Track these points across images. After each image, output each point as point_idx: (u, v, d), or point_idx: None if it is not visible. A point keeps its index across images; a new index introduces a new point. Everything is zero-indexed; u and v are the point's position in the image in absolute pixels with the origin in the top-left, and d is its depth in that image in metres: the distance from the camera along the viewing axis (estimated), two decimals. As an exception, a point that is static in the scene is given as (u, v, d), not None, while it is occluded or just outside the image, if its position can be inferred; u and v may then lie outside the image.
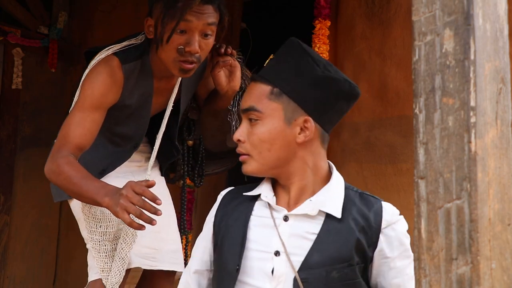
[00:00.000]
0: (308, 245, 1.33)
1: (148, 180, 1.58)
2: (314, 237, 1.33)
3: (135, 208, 1.51)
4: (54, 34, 3.63)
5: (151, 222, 1.53)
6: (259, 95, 1.36)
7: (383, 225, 1.36)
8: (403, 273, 1.36)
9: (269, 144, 1.35)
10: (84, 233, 1.91)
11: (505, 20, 1.06)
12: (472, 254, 0.93)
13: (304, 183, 1.39)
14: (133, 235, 1.78)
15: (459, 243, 0.95)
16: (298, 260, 1.31)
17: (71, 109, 1.80)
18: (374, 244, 1.35)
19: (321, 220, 1.35)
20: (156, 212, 1.52)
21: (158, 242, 1.92)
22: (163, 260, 1.93)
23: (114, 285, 1.78)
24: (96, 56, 1.80)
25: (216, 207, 1.49)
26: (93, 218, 1.83)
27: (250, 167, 1.38)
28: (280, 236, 1.33)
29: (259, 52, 4.03)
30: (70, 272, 3.61)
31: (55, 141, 1.77)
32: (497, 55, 1.02)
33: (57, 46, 3.61)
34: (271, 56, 1.40)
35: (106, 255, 1.80)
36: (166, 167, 2.09)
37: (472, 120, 0.96)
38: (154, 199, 1.52)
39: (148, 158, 1.98)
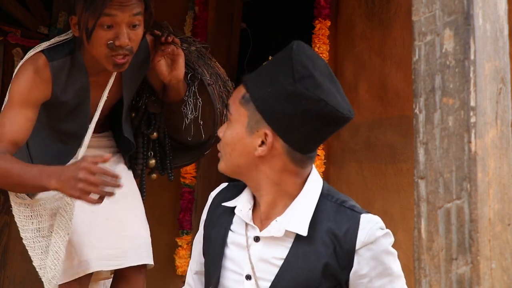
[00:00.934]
0: (275, 270, 1.29)
1: (102, 156, 1.57)
2: (281, 262, 1.29)
3: (98, 190, 1.52)
4: (54, 34, 3.63)
5: (111, 195, 1.55)
6: (236, 96, 1.32)
7: (357, 246, 1.27)
8: None
9: (230, 149, 1.31)
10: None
11: (505, 20, 1.06)
12: (472, 254, 0.93)
13: (271, 198, 1.32)
14: (65, 227, 1.77)
15: (459, 243, 0.95)
16: (266, 286, 1.29)
17: (3, 108, 1.79)
18: (348, 266, 1.27)
19: (290, 242, 1.29)
20: (118, 185, 1.55)
21: (121, 241, 1.93)
22: (128, 257, 1.94)
23: (50, 280, 1.78)
24: (26, 55, 1.80)
25: (207, 209, 1.46)
26: (24, 216, 1.82)
27: (220, 165, 1.36)
28: (250, 260, 1.31)
29: (259, 52, 4.03)
30: (70, 272, 3.60)
31: None
32: (497, 55, 1.02)
33: (57, 46, 3.61)
34: (270, 58, 1.35)
35: (41, 252, 1.80)
36: (131, 162, 2.09)
37: (472, 120, 0.96)
38: (115, 175, 1.54)
39: (114, 152, 1.99)
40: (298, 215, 1.29)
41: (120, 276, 2.03)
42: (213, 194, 1.47)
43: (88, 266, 1.85)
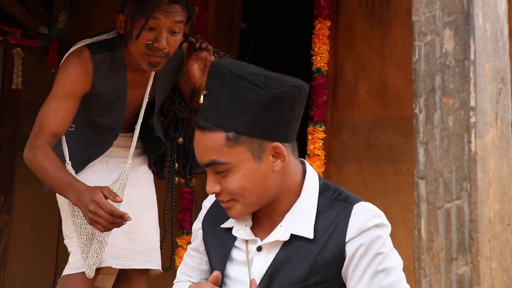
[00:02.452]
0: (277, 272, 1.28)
1: (116, 196, 1.72)
2: (284, 266, 1.28)
3: (105, 224, 1.70)
4: (54, 34, 3.63)
5: (120, 226, 1.73)
6: (215, 146, 1.22)
7: (348, 236, 1.26)
8: (373, 285, 1.26)
9: (250, 187, 1.25)
10: (63, 219, 2.01)
11: (505, 20, 1.06)
12: (472, 254, 0.93)
13: (280, 206, 1.31)
14: None
15: (459, 243, 0.95)
16: None
17: (47, 99, 1.90)
18: (340, 256, 1.26)
19: (292, 244, 1.29)
20: (126, 219, 1.71)
21: (131, 243, 2.00)
22: (135, 259, 2.01)
23: (91, 266, 1.88)
24: (71, 48, 1.92)
25: (201, 220, 1.43)
26: None
27: (236, 212, 1.29)
28: (250, 276, 1.30)
29: (259, 52, 4.04)
30: (70, 272, 3.61)
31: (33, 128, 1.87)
32: (497, 55, 1.02)
33: (57, 46, 3.61)
34: (203, 93, 1.24)
35: (86, 238, 1.89)
36: (157, 164, 2.17)
37: (472, 120, 0.96)
38: (121, 215, 1.70)
39: (136, 154, 2.06)
40: (302, 218, 1.28)
41: (123, 276, 2.07)
42: (207, 204, 1.44)
43: (102, 261, 1.92)
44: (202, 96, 1.25)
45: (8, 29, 3.47)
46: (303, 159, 1.38)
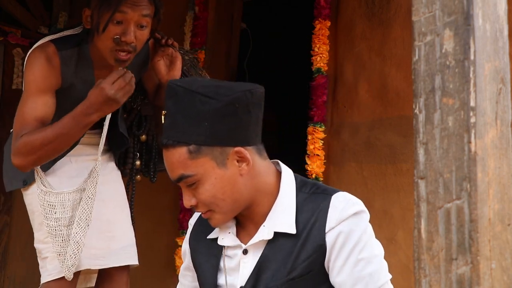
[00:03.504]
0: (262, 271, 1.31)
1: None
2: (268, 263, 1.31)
3: (128, 86, 1.71)
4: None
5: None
6: (180, 160, 1.26)
7: (327, 227, 1.28)
8: (354, 274, 1.27)
9: (221, 194, 1.28)
10: (36, 224, 1.97)
11: (505, 20, 1.06)
12: (472, 254, 0.93)
13: (258, 208, 1.34)
14: (86, 219, 1.88)
15: (459, 243, 0.95)
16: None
17: (20, 100, 1.86)
18: (322, 249, 1.28)
19: (277, 241, 1.31)
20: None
21: (108, 241, 2.00)
22: (113, 258, 2.01)
23: (70, 268, 1.87)
24: (35, 45, 1.88)
25: (188, 239, 1.46)
26: (48, 204, 1.89)
27: (216, 221, 1.33)
28: (238, 280, 1.33)
29: (259, 52, 4.04)
30: (70, 272, 3.61)
31: (11, 132, 1.84)
32: (497, 55, 1.02)
33: (57, 46, 3.61)
34: (163, 113, 1.29)
35: (62, 240, 1.88)
36: (120, 161, 2.15)
37: (472, 120, 0.96)
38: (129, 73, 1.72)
39: (102, 151, 2.04)
40: (283, 215, 1.31)
41: (104, 275, 2.08)
42: (192, 222, 1.47)
43: (80, 264, 1.92)
44: (163, 117, 1.29)
45: (9, 29, 3.47)
46: (276, 160, 1.41)
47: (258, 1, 3.66)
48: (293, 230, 1.30)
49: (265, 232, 1.32)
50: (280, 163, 1.41)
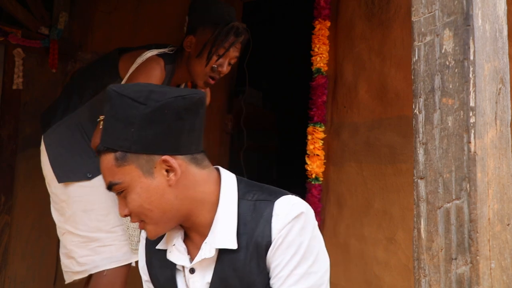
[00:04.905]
0: None
1: None
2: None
3: None
4: (55, 34, 3.63)
5: None
6: (109, 167, 1.22)
7: (273, 235, 1.22)
8: (293, 279, 1.21)
9: (148, 205, 1.22)
10: (99, 215, 2.14)
11: (504, 20, 1.06)
12: (471, 254, 0.93)
13: (199, 219, 1.27)
14: None
15: (459, 243, 0.95)
16: None
17: None
18: (269, 259, 1.23)
19: (225, 257, 1.25)
20: None
21: None
22: None
23: (137, 243, 2.11)
24: (143, 54, 2.13)
25: (143, 252, 1.41)
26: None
27: (149, 232, 1.27)
28: None
29: (259, 52, 4.03)
30: (70, 272, 3.61)
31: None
32: (496, 56, 1.02)
33: (57, 46, 3.61)
34: (101, 118, 1.28)
35: (127, 226, 2.11)
36: None
37: (472, 120, 0.96)
38: None
39: None
40: (224, 229, 1.25)
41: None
42: (143, 234, 1.42)
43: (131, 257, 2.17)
44: (101, 122, 1.24)
45: (9, 30, 3.47)
46: (218, 166, 1.35)
47: (258, 1, 3.66)
48: (234, 246, 1.23)
49: (207, 250, 1.25)
50: (222, 170, 1.33)
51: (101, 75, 2.20)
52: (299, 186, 2.87)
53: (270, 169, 4.79)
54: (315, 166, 2.70)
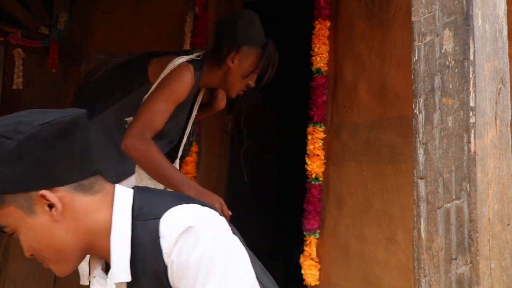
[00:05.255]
0: None
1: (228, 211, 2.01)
2: None
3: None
4: (55, 34, 3.63)
5: None
6: None
7: (165, 259, 1.09)
8: None
9: (37, 245, 1.13)
10: None
11: (504, 20, 1.06)
12: (471, 254, 0.94)
13: (101, 250, 1.16)
14: None
15: (459, 243, 0.95)
16: None
17: (150, 97, 2.07)
18: (173, 285, 1.10)
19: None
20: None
21: None
22: None
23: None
24: (174, 60, 2.16)
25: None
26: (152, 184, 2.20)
27: (56, 271, 1.18)
28: None
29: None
30: (70, 272, 3.61)
31: (134, 120, 2.02)
32: (496, 56, 1.02)
33: (57, 46, 3.61)
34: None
35: None
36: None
37: (472, 120, 0.96)
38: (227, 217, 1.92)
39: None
40: (119, 259, 1.13)
41: None
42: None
43: None
44: None
45: (9, 30, 3.47)
46: (116, 185, 1.21)
47: (258, 1, 3.66)
48: (127, 278, 1.12)
49: (110, 285, 1.16)
50: (117, 189, 1.19)
51: (130, 79, 2.23)
52: (299, 186, 2.87)
53: (270, 169, 4.79)
54: (315, 166, 2.70)
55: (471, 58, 0.98)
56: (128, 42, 3.50)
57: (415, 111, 1.03)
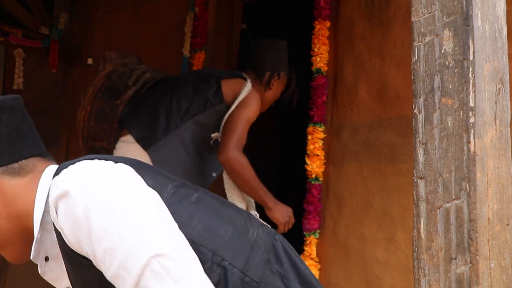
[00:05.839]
0: None
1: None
2: None
3: (284, 228, 2.40)
4: (55, 34, 3.64)
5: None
6: None
7: (57, 227, 1.02)
8: (110, 272, 0.95)
9: None
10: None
11: (504, 20, 1.06)
12: (471, 254, 0.94)
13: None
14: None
15: (458, 243, 0.95)
16: None
17: (239, 116, 2.35)
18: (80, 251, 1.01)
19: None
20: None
21: None
22: None
23: None
24: (246, 85, 2.44)
25: None
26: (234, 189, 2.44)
27: (5, 258, 1.18)
28: None
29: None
30: (70, 272, 3.60)
31: (228, 135, 2.27)
32: (496, 56, 1.02)
33: (58, 46, 3.61)
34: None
35: None
36: None
37: (471, 120, 0.97)
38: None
39: None
40: (47, 237, 1.10)
41: None
42: None
43: None
44: None
45: (9, 30, 3.47)
46: (46, 166, 1.15)
47: (258, 1, 3.66)
48: (42, 257, 1.13)
49: (52, 266, 1.16)
50: (48, 168, 1.14)
51: (204, 97, 2.39)
52: (299, 186, 2.88)
53: (270, 169, 4.79)
54: (315, 166, 2.70)
55: (471, 58, 0.98)
56: (128, 42, 3.50)
57: (415, 111, 1.03)
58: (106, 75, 2.50)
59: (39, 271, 1.19)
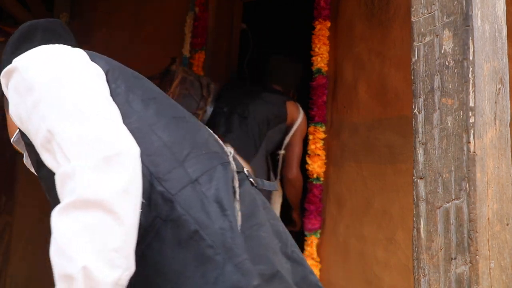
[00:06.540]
0: None
1: None
2: None
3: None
4: (55, 34, 3.63)
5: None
6: None
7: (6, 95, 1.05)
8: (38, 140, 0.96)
9: None
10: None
11: (503, 21, 1.06)
12: (471, 254, 0.94)
13: None
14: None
15: (458, 243, 0.95)
16: None
17: (300, 139, 2.76)
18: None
19: None
20: None
21: None
22: None
23: None
24: (301, 110, 2.80)
25: None
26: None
27: None
28: None
29: (259, 52, 4.03)
30: (71, 272, 3.60)
31: (294, 156, 2.75)
32: (495, 56, 1.02)
33: (57, 46, 3.61)
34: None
35: None
36: None
37: (471, 120, 0.97)
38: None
39: None
40: None
41: None
42: None
43: None
44: None
45: (10, 30, 3.47)
46: None
47: (258, 1, 3.66)
48: (16, 137, 1.15)
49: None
50: None
51: (272, 118, 2.69)
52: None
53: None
54: (316, 166, 2.71)
55: (471, 58, 0.98)
56: (128, 42, 3.50)
57: (415, 111, 1.03)
58: (180, 82, 2.53)
59: (24, 161, 1.20)
